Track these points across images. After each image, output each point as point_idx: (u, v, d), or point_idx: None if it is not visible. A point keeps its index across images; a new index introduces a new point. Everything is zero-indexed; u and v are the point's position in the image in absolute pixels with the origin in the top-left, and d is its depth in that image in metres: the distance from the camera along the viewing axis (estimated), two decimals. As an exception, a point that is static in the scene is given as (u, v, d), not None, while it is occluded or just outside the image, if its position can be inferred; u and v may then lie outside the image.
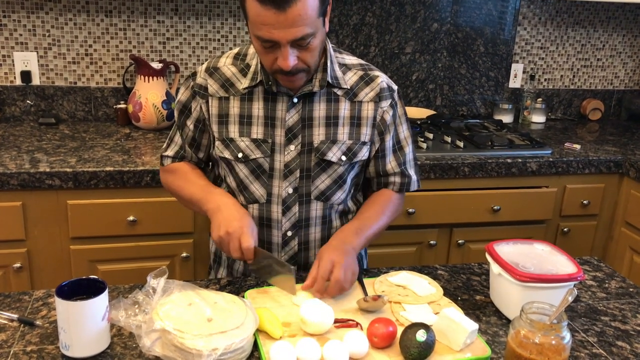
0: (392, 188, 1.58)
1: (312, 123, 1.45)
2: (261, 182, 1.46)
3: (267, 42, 1.29)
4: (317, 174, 1.47)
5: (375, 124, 1.50)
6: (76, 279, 1.16)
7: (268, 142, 1.45)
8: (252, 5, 1.25)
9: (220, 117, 1.46)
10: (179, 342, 1.10)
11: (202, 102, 1.47)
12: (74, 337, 1.12)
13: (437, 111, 2.97)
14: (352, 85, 1.48)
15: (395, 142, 1.56)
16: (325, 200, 1.50)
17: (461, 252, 2.49)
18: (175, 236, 2.22)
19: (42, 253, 2.12)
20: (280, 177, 1.46)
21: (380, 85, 1.50)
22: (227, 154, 1.46)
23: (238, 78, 1.46)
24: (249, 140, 1.45)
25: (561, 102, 3.19)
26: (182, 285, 1.23)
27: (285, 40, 1.27)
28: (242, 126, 1.45)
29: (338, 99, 1.47)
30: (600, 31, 3.12)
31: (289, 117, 1.44)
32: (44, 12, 2.49)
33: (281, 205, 1.47)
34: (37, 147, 2.26)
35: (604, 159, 2.53)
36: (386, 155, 1.55)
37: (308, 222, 1.50)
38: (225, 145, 1.47)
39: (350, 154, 1.49)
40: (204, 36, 2.67)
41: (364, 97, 1.49)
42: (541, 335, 1.10)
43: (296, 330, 1.24)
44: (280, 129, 1.44)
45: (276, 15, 1.23)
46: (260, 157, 1.45)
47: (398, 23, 2.83)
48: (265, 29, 1.26)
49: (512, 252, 1.39)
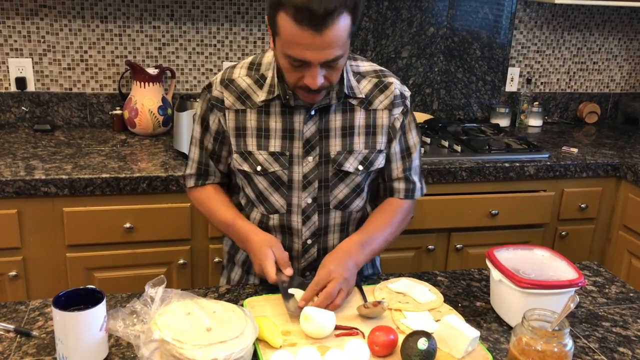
0: (398, 195, 1.56)
1: (328, 134, 1.45)
2: (281, 193, 1.46)
3: (297, 61, 1.28)
4: (335, 184, 1.47)
5: (388, 131, 1.50)
6: (73, 289, 1.15)
7: (286, 155, 1.44)
8: (286, 24, 1.23)
9: (238, 129, 1.45)
10: (177, 353, 1.08)
11: (220, 115, 1.46)
12: (72, 348, 1.10)
13: (434, 115, 2.96)
14: (367, 94, 1.47)
15: (405, 149, 1.54)
16: (343, 209, 1.50)
17: (459, 256, 2.48)
18: (172, 243, 2.20)
19: (38, 261, 2.10)
20: (299, 188, 1.46)
21: (394, 92, 1.49)
22: (246, 166, 1.46)
23: (254, 90, 1.44)
24: (267, 154, 1.44)
25: (558, 105, 3.20)
26: (180, 294, 1.22)
27: (317, 62, 1.27)
28: (259, 139, 1.44)
29: (353, 108, 1.46)
30: (596, 34, 3.12)
31: (307, 130, 1.44)
32: (39, 18, 2.48)
33: (301, 215, 1.47)
34: (32, 154, 2.24)
35: (601, 162, 2.53)
36: (392, 161, 1.54)
37: (327, 230, 1.51)
38: (243, 158, 1.46)
39: (367, 162, 1.48)
40: (200, 41, 2.66)
41: (379, 105, 1.48)
42: (543, 343, 1.09)
43: (296, 339, 1.23)
44: (298, 140, 1.44)
45: (312, 37, 1.22)
46: (279, 170, 1.45)
47: (394, 27, 2.83)
48: (298, 49, 1.25)
49: (512, 258, 1.38)
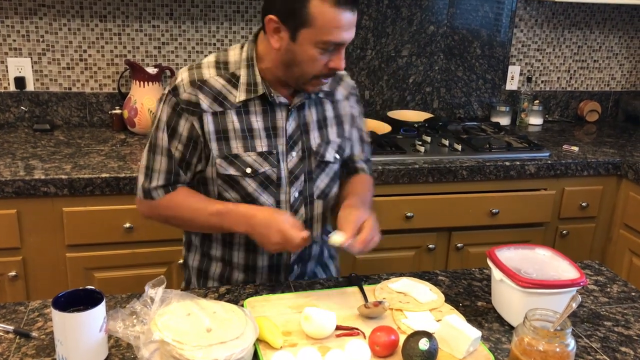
0: (364, 172, 1.65)
1: (307, 128, 1.50)
2: (270, 192, 1.46)
3: (334, 45, 1.33)
4: (317, 175, 1.52)
5: (350, 119, 1.59)
6: (73, 290, 1.14)
7: (273, 153, 1.45)
8: (325, 11, 1.28)
9: (218, 133, 1.40)
10: (177, 354, 1.08)
11: (194, 119, 1.39)
12: (71, 350, 1.10)
13: (434, 114, 2.95)
14: (329, 87, 1.55)
15: (361, 133, 1.64)
16: (324, 198, 1.55)
17: (460, 255, 2.47)
18: (172, 242, 2.19)
19: (37, 261, 2.10)
20: (286, 184, 1.47)
21: (349, 83, 1.60)
22: (233, 170, 1.42)
23: (229, 90, 1.42)
24: (255, 154, 1.43)
25: (558, 104, 3.19)
26: (180, 295, 1.21)
27: (349, 41, 1.34)
28: (245, 141, 1.42)
29: (321, 101, 1.53)
30: (596, 33, 3.12)
31: (289, 126, 1.46)
32: (38, 17, 2.47)
33: (289, 210, 1.49)
34: (31, 153, 2.23)
35: (602, 160, 2.52)
36: (354, 145, 1.62)
37: (312, 221, 1.55)
38: (229, 162, 1.42)
39: (341, 150, 1.56)
40: (199, 40, 2.65)
41: (340, 97, 1.57)
42: (545, 343, 1.08)
43: (297, 340, 1.23)
44: (282, 137, 1.45)
45: (351, 16, 1.31)
46: (269, 169, 1.44)
47: (394, 26, 2.82)
48: (337, 32, 1.31)
49: (513, 257, 1.38)
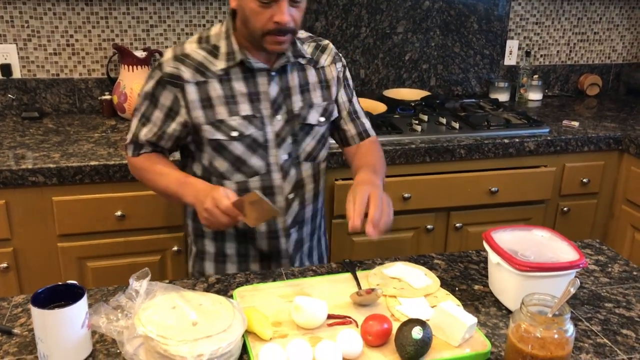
0: (366, 135, 1.69)
1: (289, 92, 1.54)
2: (259, 155, 1.52)
3: None
4: (302, 138, 1.56)
5: (337, 82, 1.63)
6: (53, 285, 1.11)
7: (257, 117, 1.50)
8: None
9: (203, 101, 1.48)
10: (162, 349, 1.04)
11: (176, 90, 1.48)
12: (52, 347, 1.06)
13: (431, 92, 2.89)
14: (311, 54, 1.59)
15: (350, 95, 1.68)
16: (312, 160, 1.60)
17: (459, 235, 2.43)
18: (166, 230, 2.16)
19: (29, 252, 2.06)
20: (274, 146, 1.52)
21: (333, 50, 1.65)
22: (219, 135, 1.49)
23: (210, 60, 1.49)
24: (239, 118, 1.49)
25: (558, 78, 3.12)
26: (165, 287, 1.17)
27: None
28: (228, 106, 1.48)
29: (304, 67, 1.57)
30: (596, 4, 3.03)
31: (272, 90, 1.51)
32: (22, 2, 2.40)
33: (280, 171, 1.54)
34: (19, 142, 2.19)
35: (603, 135, 2.47)
36: (342, 109, 1.66)
37: (303, 182, 1.59)
38: (215, 128, 1.48)
39: (327, 114, 1.60)
40: (188, 22, 2.58)
41: (325, 63, 1.61)
42: (543, 329, 1.04)
43: (287, 330, 1.19)
44: (265, 102, 1.50)
45: None
46: (255, 132, 1.50)
47: (389, 2, 2.75)
48: None
49: (510, 239, 1.34)
